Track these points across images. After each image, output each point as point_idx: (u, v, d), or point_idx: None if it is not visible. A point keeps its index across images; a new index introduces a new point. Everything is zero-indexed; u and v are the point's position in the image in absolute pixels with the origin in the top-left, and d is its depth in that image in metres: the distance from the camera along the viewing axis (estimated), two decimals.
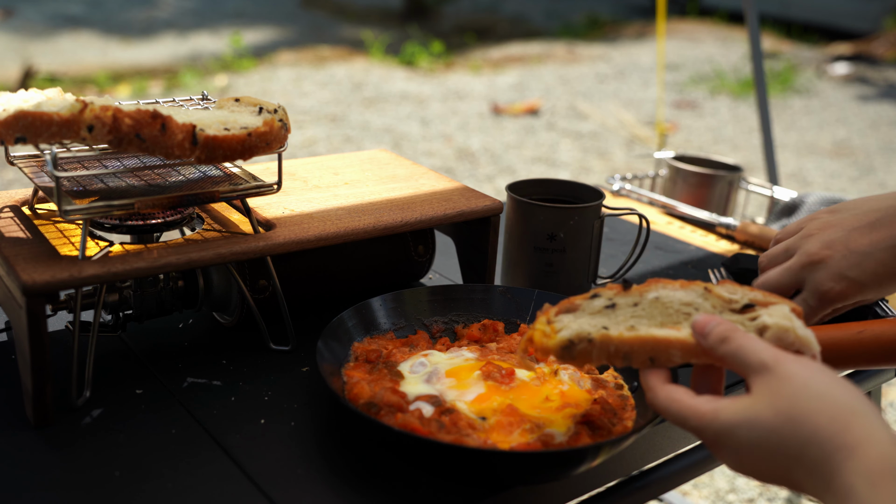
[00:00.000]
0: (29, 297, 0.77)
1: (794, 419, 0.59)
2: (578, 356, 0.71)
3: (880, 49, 7.71)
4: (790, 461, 0.59)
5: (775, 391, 0.61)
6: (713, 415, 0.63)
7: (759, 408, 0.61)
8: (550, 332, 0.72)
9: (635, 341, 0.69)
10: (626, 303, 0.72)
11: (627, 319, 0.71)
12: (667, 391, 0.67)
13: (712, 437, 0.63)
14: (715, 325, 0.66)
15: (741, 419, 0.61)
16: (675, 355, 0.68)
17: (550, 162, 4.60)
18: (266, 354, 0.96)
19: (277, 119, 0.87)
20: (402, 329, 0.95)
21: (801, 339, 0.66)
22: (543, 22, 9.03)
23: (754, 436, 0.60)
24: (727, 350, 0.65)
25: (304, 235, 0.91)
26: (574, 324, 0.72)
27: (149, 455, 0.78)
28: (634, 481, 0.91)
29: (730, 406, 0.63)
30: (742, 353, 0.64)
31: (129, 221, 0.88)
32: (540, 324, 0.74)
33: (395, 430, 0.73)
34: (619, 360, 0.70)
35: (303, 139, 4.74)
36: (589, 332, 0.70)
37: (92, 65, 6.29)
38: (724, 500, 2.07)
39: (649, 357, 0.69)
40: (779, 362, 0.62)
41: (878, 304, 1.10)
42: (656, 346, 0.68)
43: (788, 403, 0.60)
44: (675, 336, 0.68)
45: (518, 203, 1.10)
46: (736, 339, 0.65)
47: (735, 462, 0.63)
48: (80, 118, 0.78)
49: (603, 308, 0.73)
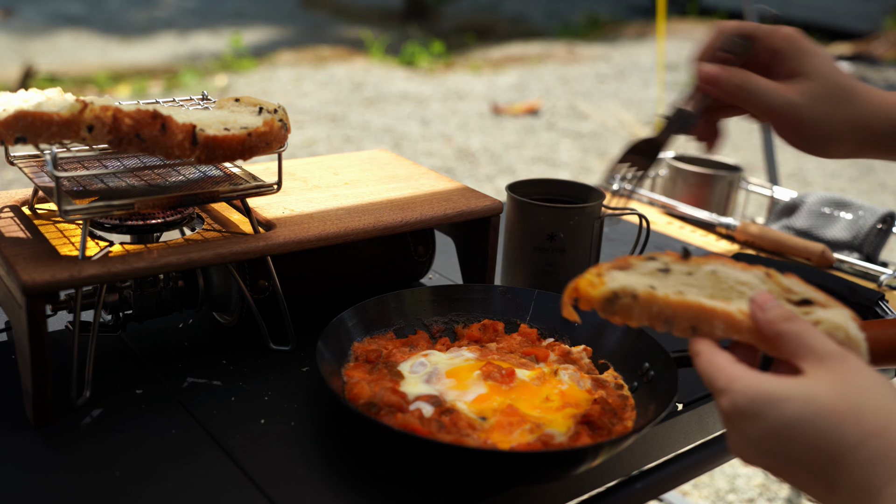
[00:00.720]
0: (29, 297, 0.77)
1: (860, 407, 0.55)
2: (620, 311, 0.69)
3: (880, 49, 7.71)
4: (841, 451, 0.54)
5: (842, 378, 0.57)
6: (753, 381, 0.59)
7: (820, 388, 0.57)
8: (598, 282, 0.70)
9: (679, 305, 0.67)
10: (680, 270, 0.71)
11: (677, 285, 0.69)
12: (711, 353, 0.63)
13: (744, 403, 0.58)
14: (777, 303, 0.63)
15: (795, 393, 0.57)
16: (718, 327, 0.65)
17: (550, 162, 4.60)
18: (266, 354, 0.96)
19: (277, 119, 0.87)
20: (402, 329, 0.95)
21: (853, 340, 0.63)
22: (543, 22, 9.03)
23: (807, 414, 0.56)
24: (791, 328, 0.60)
25: (304, 235, 0.91)
26: (623, 278, 0.70)
27: (149, 455, 0.78)
28: (634, 481, 0.91)
29: (778, 379, 0.58)
30: (808, 336, 0.60)
31: (129, 221, 0.88)
32: (589, 274, 0.72)
33: (395, 430, 0.73)
34: (660, 323, 0.68)
35: (303, 139, 4.74)
36: (634, 288, 0.68)
37: (92, 65, 6.29)
38: (724, 500, 2.07)
39: (691, 325, 0.66)
40: (849, 356, 0.59)
41: (877, 303, 1.11)
42: (700, 313, 0.66)
43: (857, 392, 0.56)
44: (721, 307, 0.66)
45: (518, 203, 1.10)
46: (801, 321, 0.61)
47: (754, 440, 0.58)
48: (80, 118, 0.78)
49: (656, 271, 0.71)
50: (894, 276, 1.23)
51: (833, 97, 0.81)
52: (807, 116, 0.81)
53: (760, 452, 0.58)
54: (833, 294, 1.12)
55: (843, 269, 1.28)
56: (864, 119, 0.81)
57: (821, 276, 1.14)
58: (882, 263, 1.31)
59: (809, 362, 0.59)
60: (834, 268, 1.29)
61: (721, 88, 0.82)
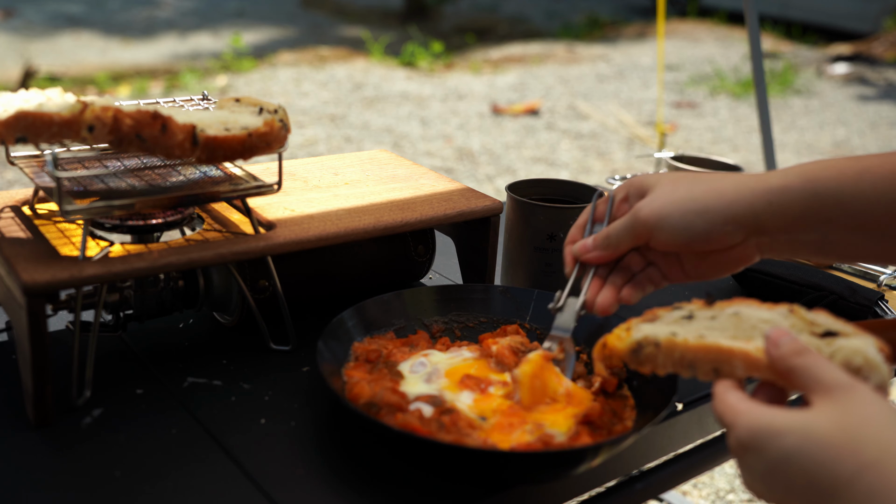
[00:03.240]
0: (29, 297, 0.77)
1: (858, 440, 0.54)
2: (646, 360, 0.71)
3: (880, 49, 7.71)
4: (836, 484, 0.54)
5: (844, 410, 0.56)
6: (755, 415, 0.59)
7: (820, 420, 0.56)
8: (625, 336, 0.73)
9: (700, 349, 0.67)
10: (704, 315, 0.72)
11: (700, 329, 0.70)
12: (725, 393, 0.63)
13: (746, 437, 0.58)
14: (790, 338, 0.62)
15: (793, 426, 0.56)
16: (739, 367, 0.65)
17: (550, 162, 4.60)
18: (266, 354, 0.96)
19: (278, 119, 0.87)
20: (402, 329, 0.95)
21: (871, 363, 0.61)
22: (543, 22, 9.03)
23: (805, 447, 0.55)
24: (799, 362, 0.60)
25: (304, 235, 0.92)
26: (648, 329, 0.72)
27: (149, 455, 0.78)
28: (634, 481, 0.91)
29: (780, 412, 0.58)
30: (816, 368, 0.59)
31: (130, 221, 0.88)
32: (618, 329, 0.74)
33: (395, 430, 0.73)
34: (684, 368, 0.69)
35: (303, 139, 4.74)
36: (656, 336, 0.70)
37: (92, 65, 6.29)
38: (724, 500, 2.07)
39: (713, 368, 0.67)
40: (856, 386, 0.58)
41: (877, 303, 1.11)
42: (720, 355, 0.66)
43: (858, 424, 0.55)
44: (740, 347, 0.66)
45: (518, 203, 1.10)
46: (811, 354, 0.60)
47: (759, 473, 0.58)
48: (80, 118, 0.78)
49: (680, 318, 0.72)
50: (894, 276, 1.23)
51: (672, 185, 0.78)
52: (657, 214, 0.77)
53: (766, 486, 0.58)
54: (833, 294, 1.12)
55: (843, 269, 1.28)
56: (731, 205, 0.76)
57: (820, 276, 1.14)
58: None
59: (816, 394, 0.58)
60: (834, 268, 1.29)
61: (596, 250, 0.82)
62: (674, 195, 0.78)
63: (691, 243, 0.77)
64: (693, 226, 0.76)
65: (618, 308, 0.82)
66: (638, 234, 0.79)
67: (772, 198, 0.74)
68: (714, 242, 0.77)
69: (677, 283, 0.82)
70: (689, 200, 0.77)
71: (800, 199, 0.74)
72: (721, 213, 0.75)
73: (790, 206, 0.74)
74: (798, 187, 0.74)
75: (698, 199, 0.77)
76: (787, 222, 0.75)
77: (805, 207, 0.74)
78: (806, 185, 0.74)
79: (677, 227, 0.76)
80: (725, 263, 0.80)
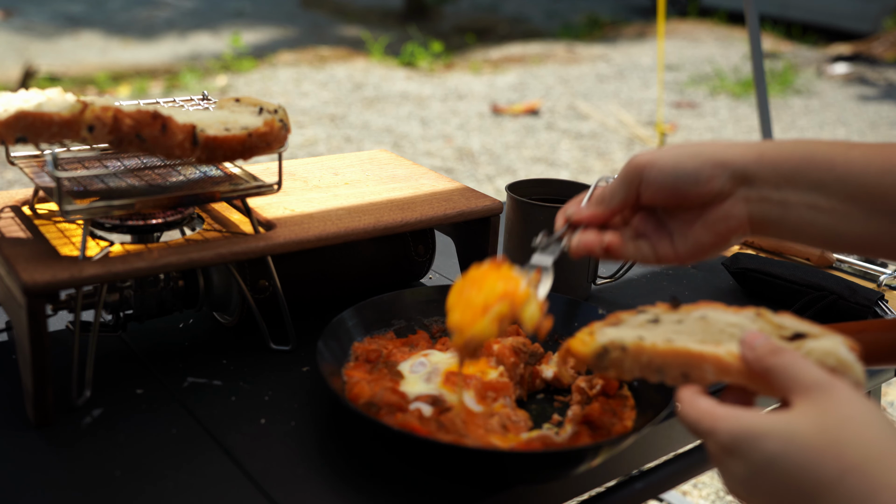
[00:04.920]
0: (30, 297, 0.77)
1: (840, 442, 0.54)
2: (611, 365, 0.69)
3: (880, 49, 7.71)
4: (819, 487, 0.53)
5: (825, 411, 0.56)
6: (735, 419, 0.58)
7: (801, 422, 0.55)
8: (589, 340, 0.71)
9: (668, 353, 0.66)
10: (670, 319, 0.71)
11: (667, 333, 0.69)
12: (693, 399, 0.62)
13: (728, 442, 0.57)
14: (766, 339, 0.62)
15: (775, 429, 0.56)
16: (709, 371, 0.65)
17: (550, 162, 4.60)
18: (266, 354, 0.96)
19: (277, 119, 0.87)
20: (402, 329, 0.95)
21: (844, 363, 0.61)
22: (543, 22, 9.03)
23: (788, 450, 0.55)
24: (777, 362, 0.59)
25: (304, 235, 0.92)
26: (613, 333, 0.71)
27: (149, 455, 0.78)
28: (634, 481, 0.91)
29: (761, 416, 0.57)
30: (794, 368, 0.59)
31: (130, 221, 0.88)
32: (581, 333, 0.73)
33: (395, 430, 0.73)
34: (652, 373, 0.68)
35: (303, 139, 4.74)
36: (623, 340, 0.68)
37: (92, 65, 6.29)
38: (724, 499, 2.07)
39: (682, 372, 0.66)
40: (835, 385, 0.57)
41: (877, 303, 1.11)
42: (689, 360, 0.65)
43: (838, 425, 0.55)
44: (710, 351, 0.65)
45: (518, 203, 1.10)
46: (789, 353, 0.60)
47: (741, 478, 0.57)
48: (80, 118, 0.78)
49: (646, 322, 0.71)
50: (894, 276, 1.23)
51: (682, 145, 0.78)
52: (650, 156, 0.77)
53: (748, 490, 0.57)
54: (833, 294, 1.12)
55: (843, 269, 1.28)
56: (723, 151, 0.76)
57: (820, 276, 1.14)
58: (881, 263, 1.31)
59: (796, 394, 0.58)
60: (833, 268, 1.29)
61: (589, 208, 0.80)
62: (669, 148, 0.78)
63: (678, 184, 0.75)
64: (682, 164, 0.75)
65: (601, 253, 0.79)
66: (630, 181, 0.77)
67: (763, 150, 0.74)
68: (702, 185, 0.74)
69: (667, 263, 0.80)
70: (682, 147, 0.77)
71: (790, 155, 0.73)
72: (711, 157, 0.75)
73: (781, 161, 0.73)
74: (789, 146, 0.73)
75: (692, 146, 0.76)
76: (777, 177, 0.73)
77: (796, 165, 0.73)
78: (797, 145, 0.73)
79: (667, 166, 0.75)
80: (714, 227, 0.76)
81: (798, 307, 1.12)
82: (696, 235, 0.77)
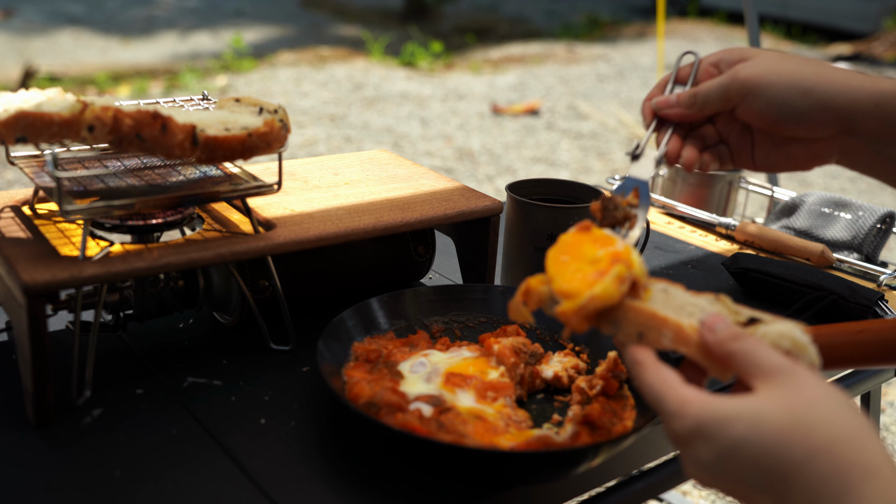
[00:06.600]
0: (29, 297, 0.77)
1: (807, 423, 0.54)
2: None
3: (880, 49, 7.71)
4: (789, 469, 0.53)
5: (790, 393, 0.56)
6: (705, 404, 0.57)
7: (767, 405, 0.56)
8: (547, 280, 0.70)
9: (631, 308, 0.66)
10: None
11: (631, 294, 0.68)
12: (657, 369, 0.61)
13: (693, 426, 0.57)
14: (726, 324, 0.62)
15: (742, 413, 0.55)
16: (667, 336, 0.64)
17: (550, 162, 4.60)
18: (266, 354, 0.96)
19: (277, 119, 0.87)
20: (402, 329, 0.95)
21: (799, 345, 0.61)
22: (543, 22, 9.03)
23: (756, 433, 0.54)
24: (738, 347, 0.59)
25: (304, 235, 0.92)
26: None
27: (149, 455, 0.78)
28: (634, 481, 0.91)
29: (727, 400, 0.57)
30: (757, 353, 0.59)
31: (130, 221, 0.88)
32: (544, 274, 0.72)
33: (395, 430, 0.73)
34: (608, 324, 0.67)
35: (303, 139, 4.74)
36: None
37: (92, 65, 6.29)
38: (724, 500, 2.07)
39: (638, 331, 0.65)
40: (797, 369, 0.57)
41: (877, 303, 1.11)
42: (651, 320, 0.65)
43: (804, 407, 0.55)
44: (673, 318, 0.64)
45: (518, 203, 1.10)
46: (749, 339, 0.60)
47: (707, 463, 0.57)
48: (80, 118, 0.78)
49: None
50: (894, 277, 1.23)
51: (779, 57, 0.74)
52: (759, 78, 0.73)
53: (714, 475, 0.57)
54: (833, 294, 1.12)
55: (843, 270, 1.28)
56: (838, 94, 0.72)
57: (820, 276, 1.14)
58: (882, 263, 1.31)
59: (759, 379, 0.58)
60: (833, 268, 1.29)
61: (679, 107, 0.78)
62: (780, 66, 0.74)
63: (780, 121, 0.73)
64: (791, 102, 0.72)
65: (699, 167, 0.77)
66: (730, 96, 0.74)
67: (880, 100, 0.71)
68: (803, 128, 0.72)
69: (742, 168, 0.78)
70: (796, 76, 0.73)
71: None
72: (822, 99, 0.72)
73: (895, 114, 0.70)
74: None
75: (807, 78, 0.73)
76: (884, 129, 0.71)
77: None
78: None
79: (774, 99, 0.72)
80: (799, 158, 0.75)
81: (798, 307, 1.12)
82: (779, 156, 0.76)
